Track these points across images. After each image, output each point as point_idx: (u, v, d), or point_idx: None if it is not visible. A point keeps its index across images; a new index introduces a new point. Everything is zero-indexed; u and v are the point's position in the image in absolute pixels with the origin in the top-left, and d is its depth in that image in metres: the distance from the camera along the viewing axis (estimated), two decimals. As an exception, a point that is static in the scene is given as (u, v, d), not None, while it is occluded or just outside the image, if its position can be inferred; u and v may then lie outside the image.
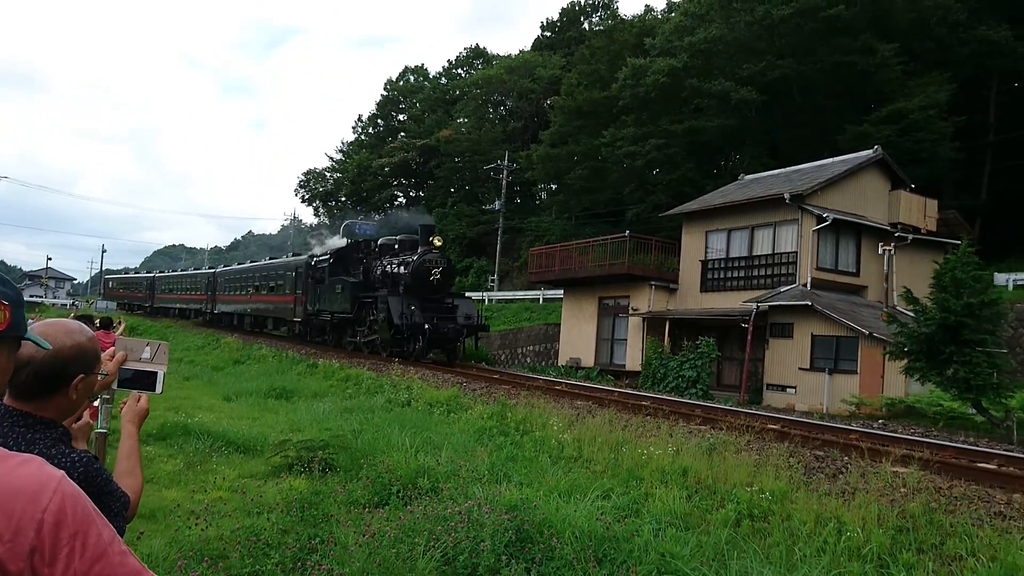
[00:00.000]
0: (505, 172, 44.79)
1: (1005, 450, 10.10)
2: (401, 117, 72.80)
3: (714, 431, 9.39)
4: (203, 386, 16.97)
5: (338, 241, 30.55)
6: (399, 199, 68.54)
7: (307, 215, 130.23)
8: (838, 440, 9.11)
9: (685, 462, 7.50)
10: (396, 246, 24.92)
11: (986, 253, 21.81)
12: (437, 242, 22.31)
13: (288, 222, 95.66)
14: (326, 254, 27.70)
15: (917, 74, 31.94)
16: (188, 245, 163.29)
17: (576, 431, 9.46)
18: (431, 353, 22.21)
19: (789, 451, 8.19)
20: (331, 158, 75.91)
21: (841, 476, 7.27)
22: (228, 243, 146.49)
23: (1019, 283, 25.15)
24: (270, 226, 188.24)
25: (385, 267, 24.15)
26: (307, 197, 78.29)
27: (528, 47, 62.88)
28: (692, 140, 35.31)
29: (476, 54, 70.24)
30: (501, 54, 66.68)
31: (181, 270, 57.57)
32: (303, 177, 78.01)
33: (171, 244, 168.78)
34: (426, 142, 59.31)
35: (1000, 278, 23.91)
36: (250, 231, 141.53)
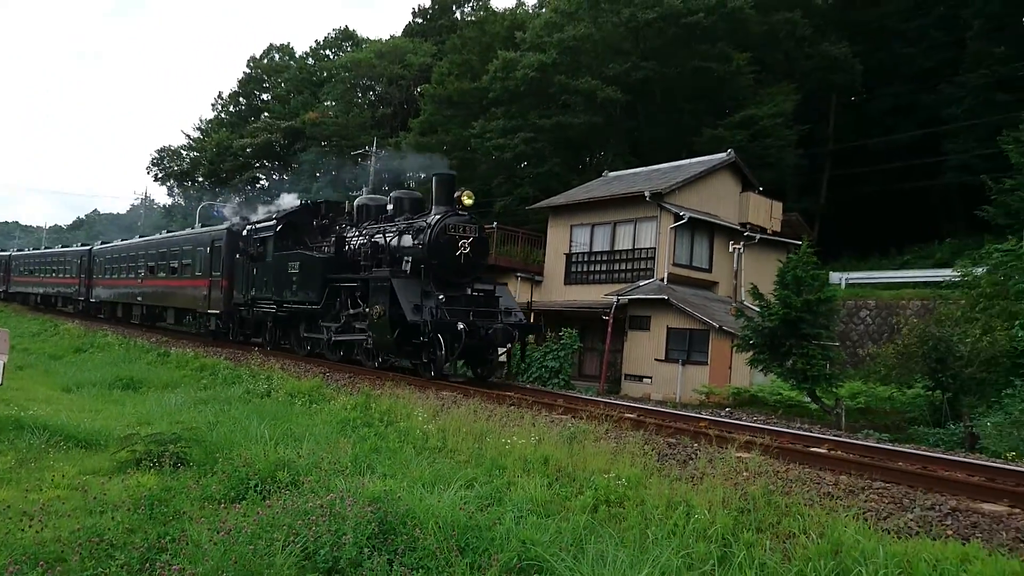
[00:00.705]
0: (373, 158, 44.06)
1: (835, 435, 10.97)
2: (265, 97, 70.21)
3: (575, 420, 9.66)
4: (39, 376, 15.74)
5: (286, 200, 23.32)
6: (261, 181, 66.03)
7: (160, 195, 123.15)
8: (689, 428, 9.59)
9: (547, 451, 7.69)
10: (390, 206, 17.60)
11: (823, 253, 23.67)
12: (467, 200, 15.25)
13: (139, 201, 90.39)
14: (271, 219, 20.33)
15: (767, 83, 34.10)
16: (23, 223, 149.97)
17: (441, 421, 9.49)
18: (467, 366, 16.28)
19: (644, 439, 8.55)
20: (188, 136, 72.28)
21: (691, 462, 7.67)
22: (70, 222, 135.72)
23: (851, 281, 27.47)
24: (118, 205, 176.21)
25: (373, 237, 16.69)
26: (160, 176, 74.15)
27: (399, 33, 62.12)
28: (559, 135, 36.09)
29: (345, 36, 68.63)
30: (371, 38, 65.54)
31: (45, 247, 50.86)
32: (156, 155, 73.87)
33: (3, 221, 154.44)
34: (291, 124, 57.44)
35: (835, 277, 25.98)
36: (95, 210, 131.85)
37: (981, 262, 18.92)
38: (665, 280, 21.68)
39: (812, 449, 8.61)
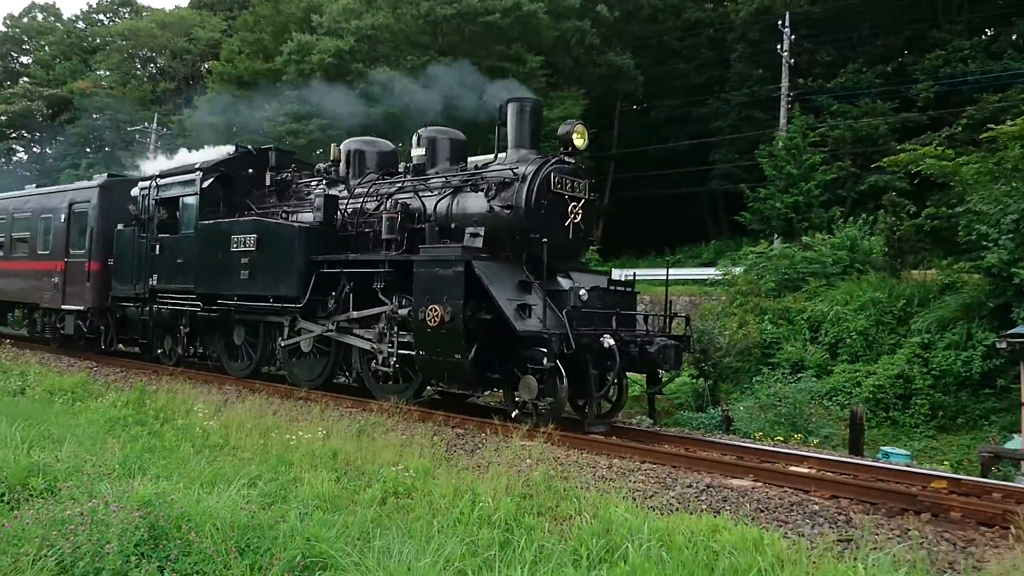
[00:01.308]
0: (154, 136, 40.86)
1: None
2: (24, 60, 62.72)
3: (365, 413, 9.60)
4: None
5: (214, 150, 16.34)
6: (18, 154, 59.05)
7: None
8: (476, 418, 9.86)
9: (335, 445, 7.60)
10: (418, 150, 11.36)
11: (606, 251, 25.25)
12: (578, 140, 9.75)
13: None
14: (190, 169, 13.48)
15: (558, 87, 35.69)
16: None
17: (224, 417, 9.08)
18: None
19: (434, 430, 8.68)
20: (-76, 97, 62.91)
21: (478, 451, 7.90)
22: None
23: (629, 278, 29.47)
24: None
25: (395, 196, 10.87)
26: None
27: (185, 4, 58.06)
28: (357, 124, 35.49)
29: (123, 2, 62.96)
30: (153, 7, 60.76)
31: None
32: None
33: None
34: (56, 92, 51.84)
35: (616, 274, 27.75)
36: None
37: (739, 262, 21.11)
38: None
39: (590, 436, 9.15)
